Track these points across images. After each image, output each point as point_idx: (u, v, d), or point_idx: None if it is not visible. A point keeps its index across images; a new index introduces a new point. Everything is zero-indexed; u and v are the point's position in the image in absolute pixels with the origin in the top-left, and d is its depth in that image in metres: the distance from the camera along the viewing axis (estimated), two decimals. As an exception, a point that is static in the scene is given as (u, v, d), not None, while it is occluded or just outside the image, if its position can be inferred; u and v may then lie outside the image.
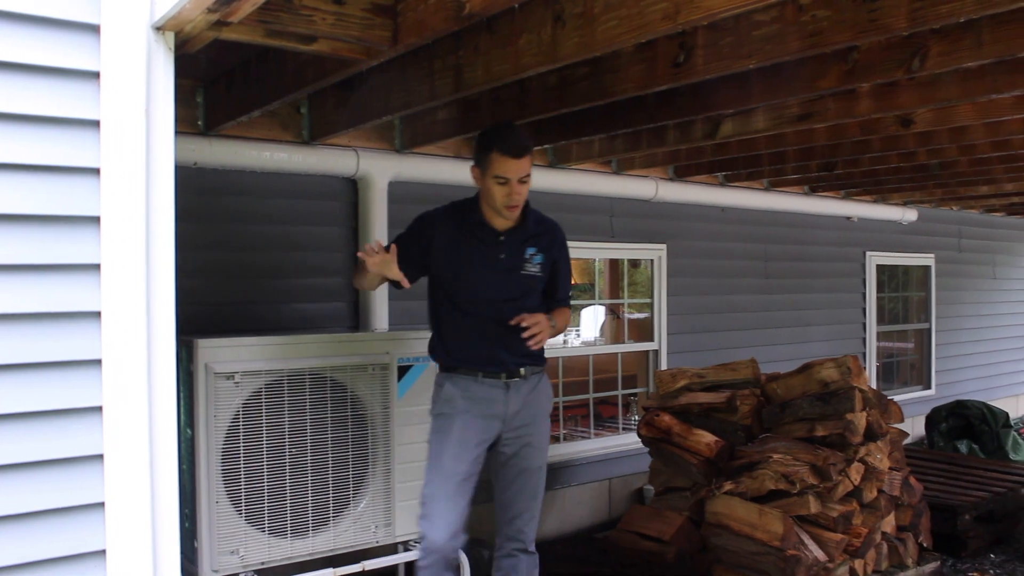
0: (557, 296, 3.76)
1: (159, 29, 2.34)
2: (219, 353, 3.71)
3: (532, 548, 3.69)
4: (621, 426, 6.73)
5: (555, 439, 6.33)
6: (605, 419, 7.17)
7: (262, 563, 3.80)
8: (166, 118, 2.27)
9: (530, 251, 3.59)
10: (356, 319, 5.05)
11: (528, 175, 3.46)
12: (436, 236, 3.55)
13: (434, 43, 3.66)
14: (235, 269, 4.67)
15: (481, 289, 3.55)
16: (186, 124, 4.38)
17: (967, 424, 8.10)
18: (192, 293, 4.46)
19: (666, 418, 5.03)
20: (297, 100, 4.53)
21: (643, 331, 7.03)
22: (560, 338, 5.33)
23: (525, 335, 3.42)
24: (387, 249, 3.36)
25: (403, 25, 3.04)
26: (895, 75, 3.45)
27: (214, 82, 4.35)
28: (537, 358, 3.62)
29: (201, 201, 4.52)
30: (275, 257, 4.81)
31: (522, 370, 3.56)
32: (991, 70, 3.67)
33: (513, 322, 3.45)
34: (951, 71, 3.70)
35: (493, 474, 3.71)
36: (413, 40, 3.08)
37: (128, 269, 2.25)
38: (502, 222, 3.55)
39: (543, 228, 3.69)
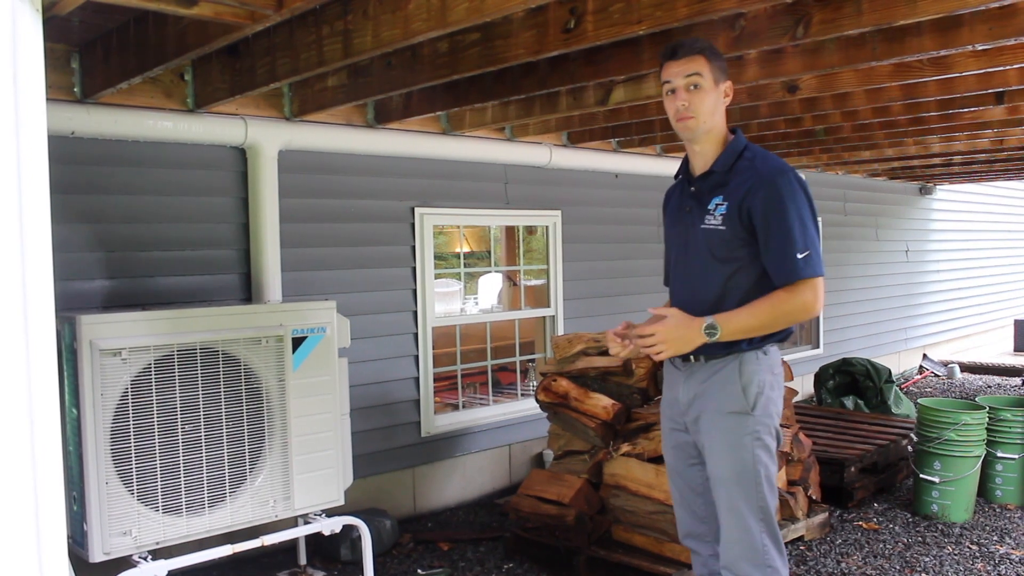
0: (769, 263, 2.81)
1: (25, -12, 2.22)
2: (104, 329, 3.58)
3: None
4: (520, 392, 6.78)
5: (454, 407, 6.35)
6: (504, 386, 7.23)
7: (157, 543, 3.72)
8: (36, 82, 2.15)
9: (716, 200, 2.91)
10: (248, 291, 4.95)
11: (697, 75, 2.91)
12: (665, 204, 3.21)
13: (322, 8, 3.58)
14: (121, 243, 4.52)
15: (670, 250, 3.14)
16: (61, 91, 4.18)
17: (853, 381, 8.43)
18: (76, 269, 4.32)
19: (563, 383, 5.08)
20: (180, 66, 4.39)
21: (540, 297, 7.08)
22: (457, 306, 5.22)
23: (640, 342, 2.81)
24: None
25: (288, -12, 2.97)
26: (780, 42, 3.53)
27: (90, 47, 4.17)
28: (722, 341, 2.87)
29: (81, 171, 4.36)
30: (162, 229, 4.67)
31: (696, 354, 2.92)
32: (871, 38, 3.79)
33: (644, 331, 2.83)
34: (833, 39, 3.81)
35: None
36: (299, 4, 3.00)
37: None
38: (699, 165, 3.04)
39: (742, 169, 2.92)
